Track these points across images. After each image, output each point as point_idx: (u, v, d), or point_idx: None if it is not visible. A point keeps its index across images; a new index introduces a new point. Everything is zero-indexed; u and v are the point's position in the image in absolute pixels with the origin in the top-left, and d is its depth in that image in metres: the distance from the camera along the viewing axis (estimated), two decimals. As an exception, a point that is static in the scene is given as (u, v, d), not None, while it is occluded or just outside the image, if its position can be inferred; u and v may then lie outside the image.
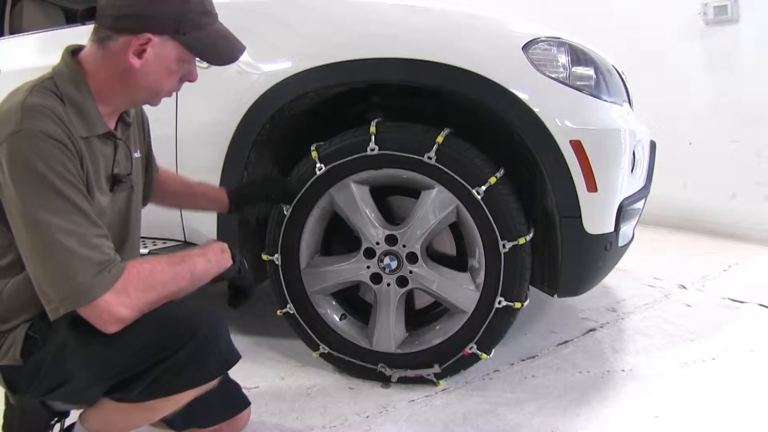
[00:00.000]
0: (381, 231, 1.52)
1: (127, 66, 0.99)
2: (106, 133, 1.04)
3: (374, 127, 1.47)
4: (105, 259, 0.91)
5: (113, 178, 1.07)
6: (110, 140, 1.06)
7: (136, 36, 0.97)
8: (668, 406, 1.47)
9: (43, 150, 0.89)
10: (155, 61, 1.00)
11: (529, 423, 1.40)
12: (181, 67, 1.04)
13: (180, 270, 1.00)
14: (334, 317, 1.64)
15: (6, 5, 2.26)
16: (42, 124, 0.90)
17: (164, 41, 0.99)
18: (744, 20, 3.28)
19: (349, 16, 1.54)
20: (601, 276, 1.62)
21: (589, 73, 1.49)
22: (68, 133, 0.93)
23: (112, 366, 0.96)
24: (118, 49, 0.98)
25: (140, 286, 0.94)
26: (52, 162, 0.89)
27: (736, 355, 1.78)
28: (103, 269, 0.90)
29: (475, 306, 1.50)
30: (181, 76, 1.07)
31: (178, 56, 1.02)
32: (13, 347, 0.98)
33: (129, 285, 0.92)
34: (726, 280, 2.58)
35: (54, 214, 0.88)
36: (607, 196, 1.45)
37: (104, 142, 1.05)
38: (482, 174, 1.44)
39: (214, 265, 1.08)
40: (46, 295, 0.90)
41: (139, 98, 1.06)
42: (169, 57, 1.01)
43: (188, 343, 0.96)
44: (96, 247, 0.91)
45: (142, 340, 0.94)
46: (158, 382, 0.97)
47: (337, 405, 1.50)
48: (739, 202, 3.38)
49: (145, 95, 1.05)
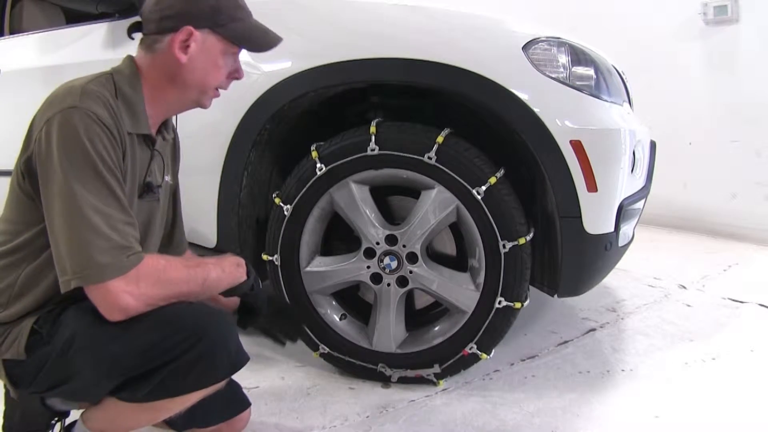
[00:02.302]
0: (381, 231, 1.52)
1: (175, 63, 1.04)
2: (148, 136, 1.08)
3: (374, 127, 1.47)
4: (126, 245, 0.93)
5: (145, 186, 1.10)
6: (149, 147, 1.10)
7: (179, 31, 1.03)
8: (668, 406, 1.47)
9: (93, 130, 0.93)
10: (200, 55, 1.06)
11: (529, 423, 1.40)
12: (226, 61, 1.10)
13: (193, 273, 1.02)
14: (334, 317, 1.64)
15: (6, 5, 2.26)
16: (97, 108, 0.95)
17: (205, 34, 1.05)
18: (744, 20, 3.28)
19: (349, 16, 1.54)
20: (601, 276, 1.62)
21: (589, 73, 1.49)
22: (117, 123, 0.98)
23: (119, 364, 0.96)
24: (165, 48, 1.05)
25: (152, 280, 0.95)
26: (98, 144, 0.93)
27: (736, 355, 1.78)
28: (122, 254, 0.92)
29: (475, 306, 1.50)
30: (228, 73, 1.12)
31: (222, 49, 1.08)
32: (17, 341, 0.98)
33: (141, 276, 0.93)
34: (726, 280, 2.58)
35: (89, 191, 0.91)
36: (607, 196, 1.45)
37: (143, 147, 1.08)
38: (482, 174, 1.44)
39: (228, 276, 1.10)
40: (62, 265, 0.92)
41: (189, 97, 1.10)
42: (214, 50, 1.07)
43: (197, 344, 0.96)
44: (120, 231, 0.93)
45: (150, 340, 0.95)
46: (165, 383, 0.97)
47: (337, 405, 1.50)
48: (739, 202, 3.38)
49: (195, 93, 1.10)
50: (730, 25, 3.33)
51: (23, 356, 0.98)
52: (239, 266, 1.14)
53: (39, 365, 0.97)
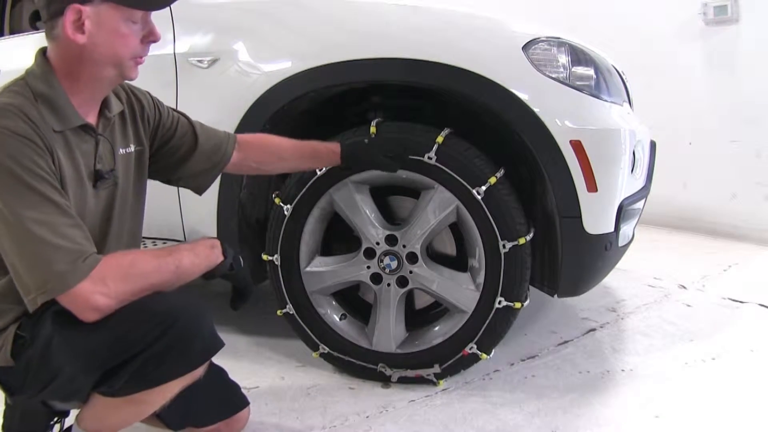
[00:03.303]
0: (381, 231, 1.52)
1: (75, 45, 0.97)
2: (83, 126, 1.03)
3: (374, 127, 1.47)
4: (77, 249, 0.92)
5: (96, 174, 1.06)
6: (90, 135, 1.05)
7: (66, 12, 0.96)
8: (668, 406, 1.47)
9: (11, 146, 0.91)
10: (99, 30, 0.97)
11: (529, 423, 1.40)
12: (132, 28, 1.01)
13: (164, 263, 1.00)
14: (334, 317, 1.64)
15: (6, 5, 2.26)
16: (8, 121, 0.92)
17: (97, 6, 0.97)
18: (744, 20, 3.28)
19: (349, 16, 1.54)
20: (601, 276, 1.62)
21: (589, 73, 1.49)
22: (36, 129, 0.94)
23: (94, 358, 0.95)
24: (62, 33, 0.97)
25: (119, 276, 0.94)
26: (20, 157, 0.91)
27: (736, 355, 1.78)
28: (77, 259, 0.91)
29: (475, 306, 1.50)
30: (141, 38, 1.03)
31: (121, 17, 0.99)
32: (3, 348, 0.98)
33: (107, 275, 0.93)
34: (726, 280, 2.58)
35: (26, 207, 0.90)
36: (607, 196, 1.45)
37: (82, 137, 1.03)
38: (482, 174, 1.44)
39: (203, 260, 1.07)
40: (24, 286, 0.92)
41: (107, 74, 1.02)
42: (112, 20, 0.98)
43: (169, 330, 0.95)
44: (67, 236, 0.92)
45: (123, 330, 0.94)
46: (142, 373, 0.96)
47: (337, 405, 1.50)
48: (739, 202, 3.38)
49: (111, 69, 1.02)
50: (730, 25, 3.32)
51: (11, 362, 0.98)
52: (214, 248, 1.10)
53: (25, 369, 0.97)
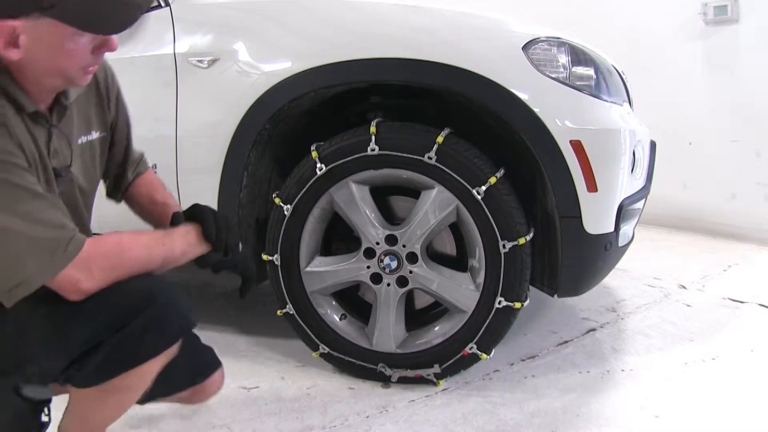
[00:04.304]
0: (381, 231, 1.52)
1: (13, 60, 0.87)
2: (35, 113, 0.94)
3: (374, 127, 1.47)
4: (55, 236, 0.87)
5: (51, 172, 0.98)
6: (42, 126, 0.96)
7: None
8: (668, 406, 1.47)
9: None
10: (36, 46, 0.86)
11: (529, 423, 1.40)
12: (79, 42, 0.89)
13: (154, 254, 0.98)
14: (334, 317, 1.64)
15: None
16: None
17: (34, 22, 0.84)
18: (744, 20, 3.28)
19: (349, 16, 1.55)
20: (601, 276, 1.62)
21: (589, 73, 1.49)
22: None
23: (70, 335, 0.93)
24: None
25: (106, 267, 0.92)
26: None
27: (736, 355, 1.78)
28: (56, 248, 0.87)
29: (475, 306, 1.50)
30: (92, 49, 0.91)
31: (64, 33, 0.86)
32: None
33: (92, 264, 0.90)
34: (726, 280, 2.57)
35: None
36: (607, 196, 1.45)
37: (36, 126, 0.95)
38: (482, 174, 1.44)
39: (195, 249, 1.05)
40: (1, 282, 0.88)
41: (50, 83, 0.94)
42: (53, 36, 0.86)
43: (148, 307, 0.93)
44: (43, 222, 0.87)
45: (100, 305, 0.92)
46: (119, 352, 0.93)
47: (337, 405, 1.50)
48: (739, 202, 3.38)
49: (58, 80, 0.93)
50: (730, 25, 3.32)
51: None
52: None
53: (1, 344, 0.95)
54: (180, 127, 1.64)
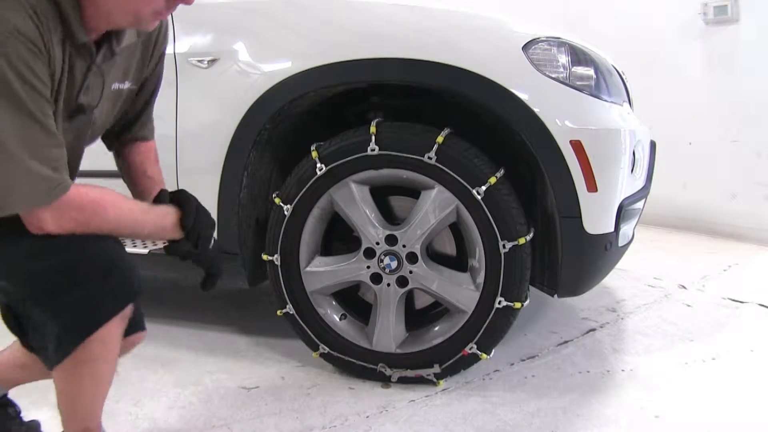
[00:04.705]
0: (381, 231, 1.52)
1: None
2: (84, 45, 0.92)
3: (374, 127, 1.47)
4: (47, 177, 0.87)
5: (77, 107, 0.97)
6: (85, 59, 0.95)
7: None
8: (668, 406, 1.47)
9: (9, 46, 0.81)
10: None
11: (529, 423, 1.40)
12: None
13: (126, 225, 0.98)
14: (334, 317, 1.64)
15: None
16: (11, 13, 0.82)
17: None
18: (744, 20, 3.28)
19: (349, 16, 1.55)
20: (601, 276, 1.62)
21: (589, 73, 1.49)
22: (43, 32, 0.85)
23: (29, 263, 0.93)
24: None
25: (76, 218, 0.92)
26: (16, 62, 0.82)
27: (736, 355, 1.78)
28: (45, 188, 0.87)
29: (475, 306, 1.50)
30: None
31: None
32: None
33: (66, 212, 0.90)
34: (726, 280, 2.58)
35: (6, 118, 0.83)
36: (607, 196, 1.45)
37: (78, 57, 0.93)
38: (482, 174, 1.44)
39: (167, 233, 1.05)
40: None
41: (120, 21, 0.94)
42: None
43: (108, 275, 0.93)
44: (45, 159, 0.87)
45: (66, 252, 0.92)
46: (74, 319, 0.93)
47: (337, 405, 1.50)
48: (739, 202, 3.38)
49: (127, 18, 0.93)
50: (730, 25, 3.33)
51: None
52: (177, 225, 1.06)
53: None
54: (180, 127, 1.64)
